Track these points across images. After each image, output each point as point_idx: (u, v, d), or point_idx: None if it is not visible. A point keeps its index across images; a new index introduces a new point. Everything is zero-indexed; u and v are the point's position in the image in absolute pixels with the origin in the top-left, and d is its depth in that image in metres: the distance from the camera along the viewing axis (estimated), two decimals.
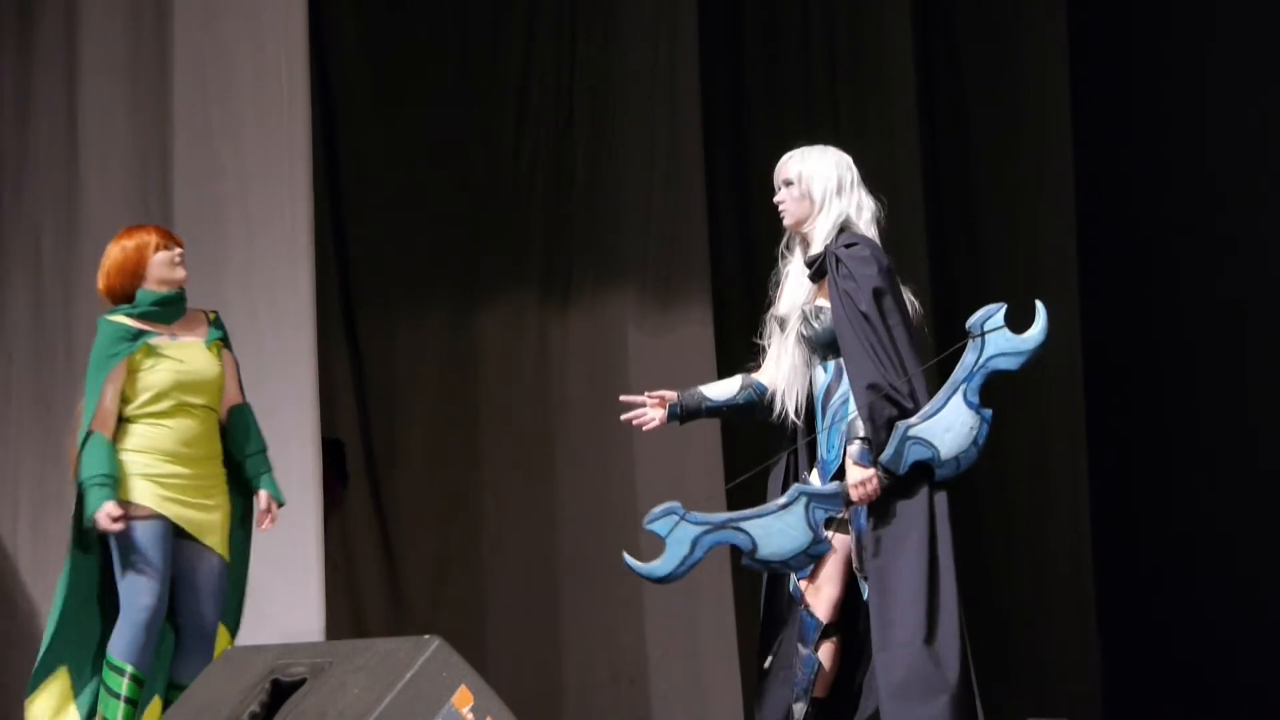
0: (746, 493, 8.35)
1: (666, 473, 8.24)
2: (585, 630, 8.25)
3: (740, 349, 8.65)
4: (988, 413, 5.16)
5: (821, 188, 5.37)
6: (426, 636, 4.33)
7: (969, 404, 5.14)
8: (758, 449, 8.54)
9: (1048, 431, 8.75)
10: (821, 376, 5.33)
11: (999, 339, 5.18)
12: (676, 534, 5.13)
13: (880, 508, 5.13)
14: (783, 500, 5.15)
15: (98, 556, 5.70)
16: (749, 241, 8.91)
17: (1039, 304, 5.23)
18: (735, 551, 5.23)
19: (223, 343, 5.87)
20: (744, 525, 5.14)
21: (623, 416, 5.60)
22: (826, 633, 5.28)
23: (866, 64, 8.85)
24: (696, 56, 8.42)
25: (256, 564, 6.13)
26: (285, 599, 6.60)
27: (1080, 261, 8.80)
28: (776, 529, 5.12)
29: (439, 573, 8.38)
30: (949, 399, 5.14)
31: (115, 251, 5.82)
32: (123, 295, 5.81)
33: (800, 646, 5.30)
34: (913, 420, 5.11)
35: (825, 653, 5.28)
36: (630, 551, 8.15)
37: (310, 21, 7.28)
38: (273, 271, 6.97)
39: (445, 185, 8.53)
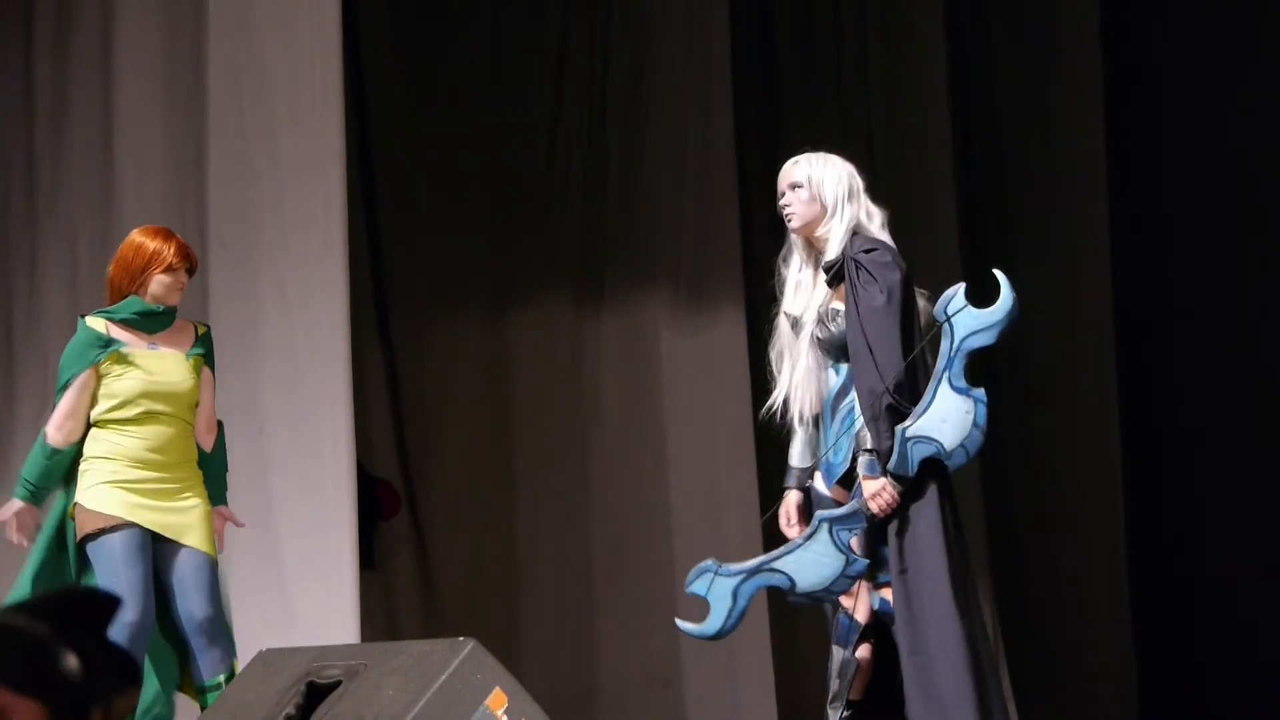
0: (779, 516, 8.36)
1: (699, 473, 8.24)
2: (619, 632, 8.25)
3: None
4: (979, 392, 5.18)
5: (833, 192, 5.38)
6: (461, 639, 4.33)
7: (956, 389, 5.15)
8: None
9: (1079, 424, 8.73)
10: (834, 379, 5.34)
11: (965, 319, 5.20)
12: (715, 590, 5.14)
13: (899, 515, 5.15)
14: (807, 531, 5.16)
15: (69, 557, 5.58)
16: (782, 241, 8.89)
17: (997, 273, 5.27)
18: (777, 592, 5.21)
19: (204, 359, 5.73)
20: (777, 565, 5.15)
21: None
22: (864, 635, 5.29)
23: (898, 62, 8.84)
24: (728, 57, 8.42)
25: (291, 566, 6.14)
26: (320, 601, 6.61)
27: (1113, 248, 8.78)
28: (809, 561, 5.14)
29: (473, 575, 8.39)
30: (936, 390, 5.16)
31: (129, 244, 5.70)
32: (117, 291, 5.68)
33: (837, 648, 5.31)
34: (907, 422, 5.13)
35: (862, 654, 5.30)
36: (663, 557, 8.22)
37: (344, 25, 7.30)
38: (307, 273, 6.99)
39: (479, 187, 8.54)
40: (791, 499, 5.47)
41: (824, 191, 5.38)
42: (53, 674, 2.05)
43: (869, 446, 5.13)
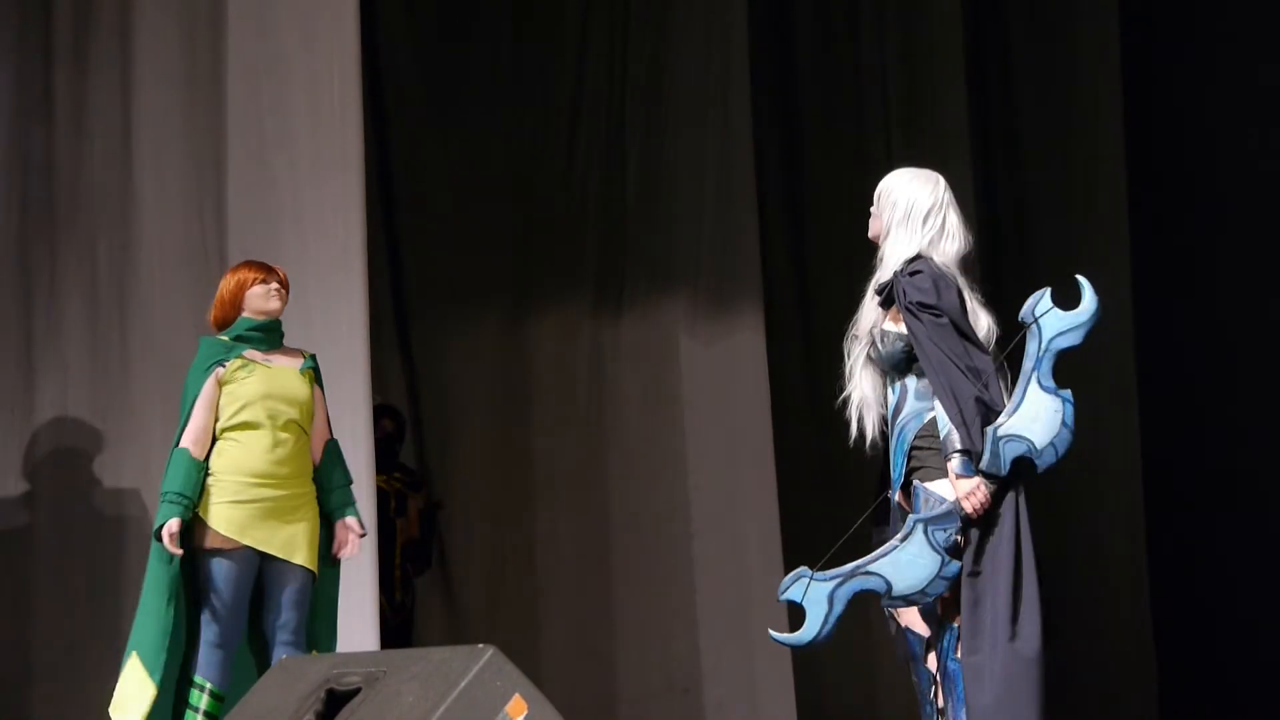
0: (801, 523, 8.37)
1: (719, 480, 8.24)
2: (639, 639, 8.25)
3: (791, 354, 8.69)
4: (1066, 393, 5.20)
5: (889, 214, 5.34)
6: (481, 645, 4.33)
7: (1045, 389, 5.18)
8: (808, 454, 8.59)
9: (1100, 430, 8.72)
10: (891, 397, 5.35)
11: (1052, 320, 5.23)
12: (811, 595, 5.10)
13: (980, 517, 5.16)
14: (901, 533, 5.15)
15: (176, 562, 5.78)
16: (800, 247, 8.91)
17: (1080, 278, 5.29)
18: (872, 596, 5.17)
19: (314, 375, 6.01)
20: (873, 568, 5.12)
21: None
22: (932, 644, 5.31)
23: (918, 70, 8.84)
24: (747, 63, 8.42)
25: None
26: (340, 609, 6.61)
27: (1133, 259, 8.77)
28: (905, 562, 5.11)
29: (493, 582, 8.40)
30: (1026, 389, 5.17)
31: (221, 285, 6.01)
32: (225, 325, 5.98)
33: (912, 663, 5.34)
34: (999, 420, 5.13)
35: (935, 662, 5.32)
36: (683, 563, 8.21)
37: (363, 33, 7.31)
38: (326, 281, 7.00)
39: (498, 195, 8.55)
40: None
41: (884, 210, 5.36)
42: None
43: (961, 447, 5.11)
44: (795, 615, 8.03)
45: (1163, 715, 8.63)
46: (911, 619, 5.33)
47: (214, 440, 5.85)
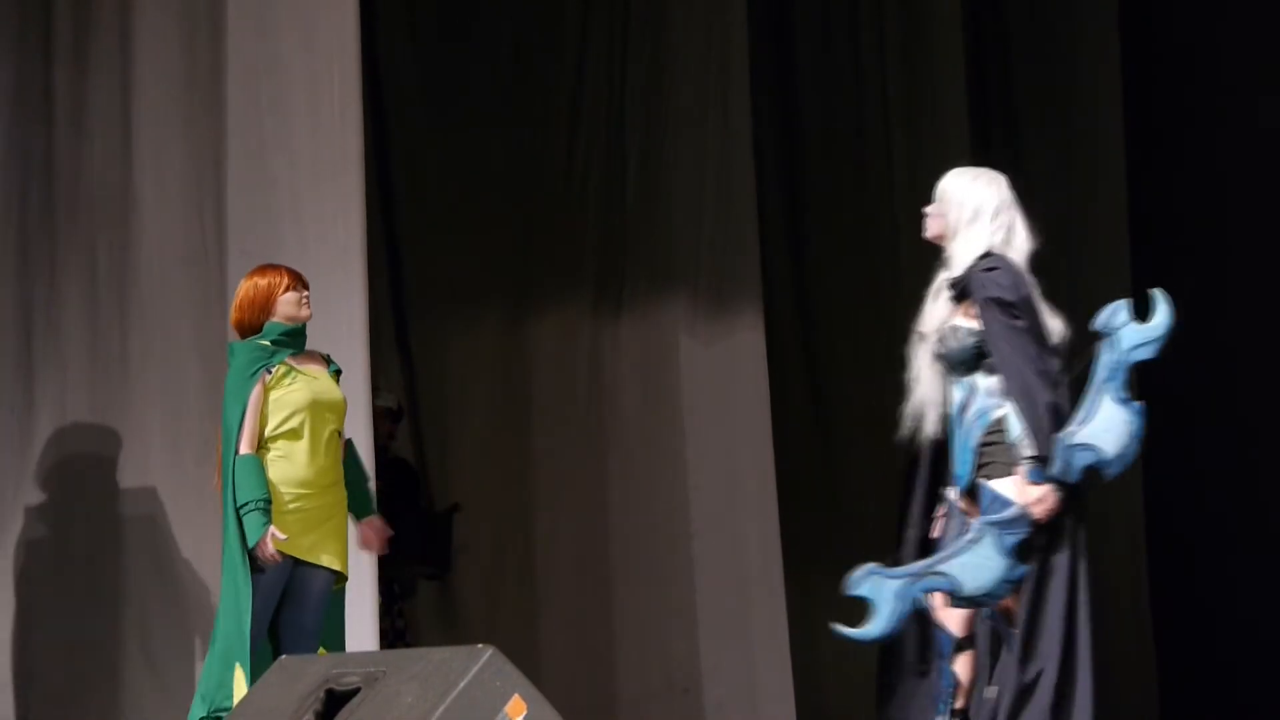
0: (801, 523, 8.37)
1: (718, 480, 8.24)
2: (639, 639, 8.25)
3: (791, 354, 8.70)
4: (1138, 405, 5.21)
5: (956, 214, 5.36)
6: (480, 646, 4.34)
7: (1119, 401, 5.19)
8: (808, 454, 8.59)
9: None
10: (957, 394, 5.32)
11: (1129, 333, 5.23)
12: (881, 592, 5.10)
13: (1046, 526, 5.15)
14: (970, 536, 5.13)
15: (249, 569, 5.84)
16: (800, 247, 8.91)
17: (1156, 292, 5.27)
18: (946, 595, 5.18)
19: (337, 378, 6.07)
20: (942, 569, 5.12)
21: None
22: (961, 646, 5.30)
23: (918, 70, 8.85)
24: (747, 63, 8.42)
25: None
26: None
27: (1133, 258, 8.77)
28: (973, 564, 5.11)
29: (492, 582, 8.40)
30: (1100, 401, 5.17)
31: (247, 288, 6.02)
32: (250, 328, 5.99)
33: (936, 662, 5.32)
34: (1070, 429, 5.14)
35: (962, 666, 5.31)
36: (683, 563, 8.21)
37: (363, 34, 7.31)
38: (325, 282, 6.99)
39: (497, 195, 8.55)
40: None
41: (949, 211, 5.37)
42: None
43: (1033, 453, 5.12)
44: (795, 614, 8.07)
45: (1163, 715, 8.63)
46: (946, 617, 5.32)
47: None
